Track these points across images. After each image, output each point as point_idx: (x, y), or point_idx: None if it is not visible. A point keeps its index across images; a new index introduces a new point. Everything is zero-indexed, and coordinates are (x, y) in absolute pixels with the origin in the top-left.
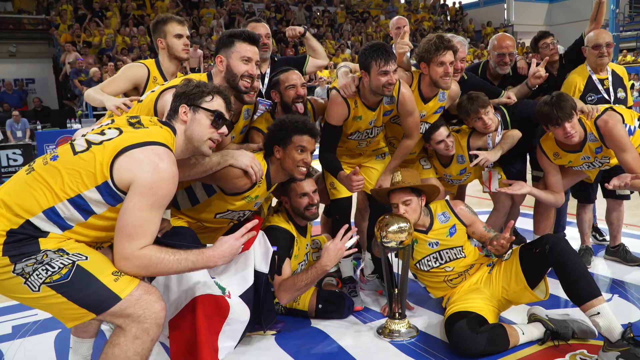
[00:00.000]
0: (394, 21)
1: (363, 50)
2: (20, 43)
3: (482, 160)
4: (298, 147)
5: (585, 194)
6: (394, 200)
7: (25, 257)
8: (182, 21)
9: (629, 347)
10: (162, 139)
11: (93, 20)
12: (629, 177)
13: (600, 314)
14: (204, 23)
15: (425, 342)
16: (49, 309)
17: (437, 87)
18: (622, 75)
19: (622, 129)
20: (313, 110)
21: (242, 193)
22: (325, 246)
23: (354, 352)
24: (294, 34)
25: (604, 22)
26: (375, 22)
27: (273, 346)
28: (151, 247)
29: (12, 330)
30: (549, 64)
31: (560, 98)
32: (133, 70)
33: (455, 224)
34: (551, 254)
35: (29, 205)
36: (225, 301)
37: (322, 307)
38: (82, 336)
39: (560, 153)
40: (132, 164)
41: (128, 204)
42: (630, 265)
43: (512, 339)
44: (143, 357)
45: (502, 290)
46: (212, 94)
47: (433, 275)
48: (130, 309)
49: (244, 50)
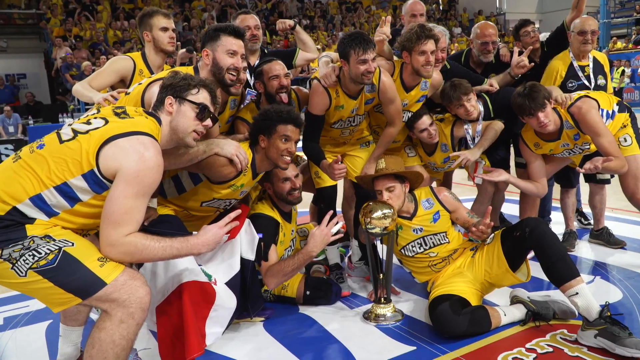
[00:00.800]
0: (409, 7)
1: (342, 40)
2: (11, 38)
3: (462, 160)
4: (282, 136)
5: (567, 179)
6: (378, 187)
7: (12, 243)
8: (168, 14)
9: (606, 325)
10: (147, 129)
11: (83, 14)
12: (601, 159)
13: (578, 294)
14: (195, 16)
15: (410, 325)
16: (36, 294)
17: (419, 75)
18: (603, 62)
19: (595, 115)
20: (298, 100)
21: (228, 181)
22: (312, 232)
23: (340, 336)
24: (284, 27)
25: (594, 9)
26: (367, 12)
27: (261, 332)
28: (137, 234)
29: (3, 322)
30: (532, 52)
31: (533, 89)
32: (119, 63)
33: (439, 210)
34: (531, 236)
35: (16, 192)
36: (211, 288)
37: (310, 293)
38: (71, 324)
39: (540, 143)
40: (118, 153)
41: (114, 192)
42: (613, 248)
43: (494, 320)
44: (129, 341)
45: (484, 274)
46: (198, 87)
47: (417, 261)
48: (115, 293)
49: (230, 44)
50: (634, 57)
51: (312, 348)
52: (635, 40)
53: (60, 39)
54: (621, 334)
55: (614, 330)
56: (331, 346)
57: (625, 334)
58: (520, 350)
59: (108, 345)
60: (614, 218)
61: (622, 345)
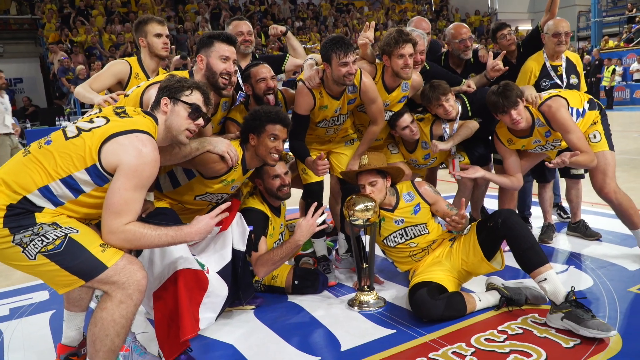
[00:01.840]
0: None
1: (324, 44)
2: (7, 43)
3: (433, 147)
4: (271, 135)
5: (541, 174)
6: (361, 182)
7: (23, 229)
8: (162, 22)
9: (571, 308)
10: (145, 127)
11: (78, 18)
12: (568, 154)
13: (547, 279)
14: (188, 19)
15: (391, 311)
16: (43, 276)
17: (398, 77)
18: (575, 62)
19: (564, 113)
20: (285, 101)
21: (220, 177)
22: (298, 223)
23: (326, 322)
24: (276, 32)
25: (586, 7)
26: (359, 14)
27: (252, 319)
28: (135, 223)
29: (9, 312)
30: (508, 53)
31: (506, 87)
32: (117, 67)
33: (419, 202)
34: (503, 226)
35: (26, 184)
36: (204, 275)
37: (298, 283)
38: (74, 310)
39: (513, 139)
40: (118, 149)
41: (114, 185)
42: (589, 240)
43: (470, 305)
44: (128, 320)
45: (461, 262)
46: (192, 88)
47: (399, 251)
48: (115, 276)
49: (222, 50)
50: (625, 56)
51: (299, 333)
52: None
53: (55, 44)
54: (584, 316)
55: (578, 313)
56: (317, 330)
57: (589, 316)
58: (492, 332)
59: (109, 324)
60: (593, 212)
61: (585, 326)
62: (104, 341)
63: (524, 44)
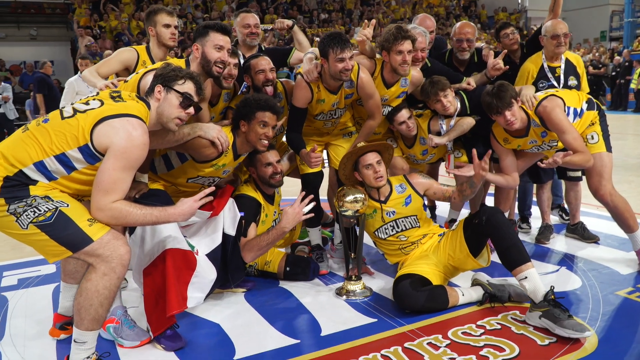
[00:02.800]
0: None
1: (322, 40)
2: (41, 26)
3: (428, 140)
4: (260, 122)
5: (536, 175)
6: (369, 161)
7: (17, 200)
8: (171, 12)
9: (549, 307)
10: (137, 112)
11: (108, 5)
12: (561, 155)
13: (527, 278)
14: (215, 8)
15: (376, 301)
16: (34, 245)
17: (396, 73)
18: (575, 63)
19: (560, 113)
20: (285, 92)
21: (210, 161)
22: (285, 210)
23: (311, 308)
24: (282, 26)
25: (620, 7)
26: (386, 7)
27: (241, 301)
28: (122, 201)
29: (17, 282)
30: (511, 53)
31: (501, 88)
32: (124, 54)
33: (410, 194)
34: (487, 224)
35: (22, 158)
36: (193, 256)
37: (290, 269)
38: (70, 282)
39: (509, 139)
40: (110, 131)
41: (104, 165)
42: (587, 242)
43: (452, 299)
44: (111, 292)
45: (448, 257)
46: (185, 78)
47: (389, 244)
48: (100, 250)
49: (217, 39)
50: None
51: (284, 317)
52: None
53: (83, 29)
54: (561, 315)
55: (555, 312)
56: (301, 316)
57: (565, 316)
58: (470, 326)
59: (93, 294)
60: (591, 214)
61: (561, 326)
62: (88, 310)
63: (527, 45)
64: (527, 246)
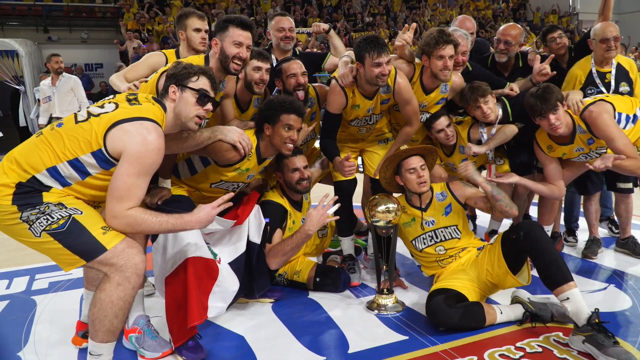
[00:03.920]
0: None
1: (358, 43)
2: (91, 30)
3: (467, 149)
4: (285, 125)
5: (583, 186)
6: (413, 165)
7: (30, 207)
8: (202, 16)
9: (593, 332)
10: (152, 115)
11: (153, 9)
12: (612, 157)
13: (569, 299)
14: (260, 12)
15: (408, 317)
16: (49, 253)
17: (437, 79)
18: (628, 68)
19: (608, 118)
20: (317, 98)
21: (233, 165)
22: (308, 212)
23: (340, 322)
24: (319, 30)
25: None
26: (433, 11)
27: (267, 312)
28: (137, 208)
29: (48, 286)
30: (559, 57)
31: (546, 90)
32: (152, 58)
33: (451, 202)
34: (525, 240)
35: (35, 163)
36: (215, 264)
37: (319, 280)
38: (92, 289)
39: (553, 146)
40: (123, 136)
41: (119, 170)
42: (638, 258)
43: (489, 317)
44: (126, 302)
45: (486, 273)
46: (198, 74)
47: (426, 255)
48: (114, 259)
49: (236, 35)
50: None
51: (311, 331)
52: None
53: (131, 32)
54: (606, 342)
55: (599, 338)
56: (329, 330)
57: (610, 342)
58: (509, 348)
59: (107, 305)
60: None
61: (605, 354)
62: (102, 322)
63: (575, 48)
64: (573, 261)
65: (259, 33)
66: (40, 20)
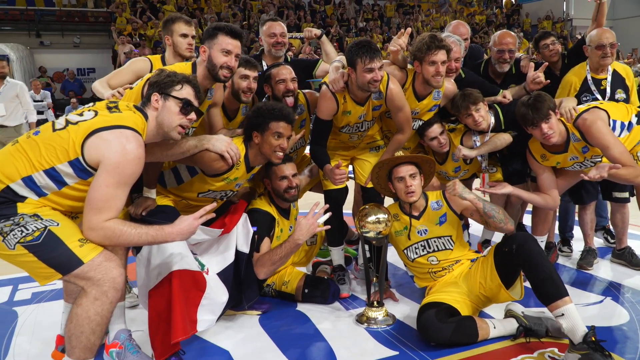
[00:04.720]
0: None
1: (349, 48)
2: (84, 34)
3: (457, 152)
4: (275, 133)
5: (577, 195)
6: (401, 174)
7: (3, 218)
8: (189, 22)
9: (589, 351)
10: (132, 123)
11: (145, 13)
12: (607, 166)
13: (564, 315)
14: (253, 17)
15: (399, 330)
16: (23, 266)
17: (429, 85)
18: (624, 75)
19: (602, 126)
20: (307, 104)
21: (221, 175)
22: (298, 221)
23: (328, 336)
24: (311, 35)
25: None
26: (426, 16)
27: (255, 325)
28: (116, 220)
29: (31, 296)
30: (552, 65)
31: (538, 99)
32: (137, 64)
33: (446, 212)
34: (517, 253)
35: (10, 173)
36: (202, 276)
37: (308, 291)
38: (71, 302)
39: (546, 155)
40: (101, 145)
41: (96, 180)
42: (634, 269)
43: (482, 332)
44: (103, 317)
45: (479, 286)
46: (182, 83)
47: (418, 266)
48: (91, 272)
49: (225, 43)
50: None
51: (299, 344)
52: None
53: (123, 36)
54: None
55: (596, 357)
56: (317, 344)
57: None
58: None
59: (84, 320)
60: None
61: None
62: (79, 338)
63: (569, 55)
64: (568, 272)
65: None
66: (33, 24)
